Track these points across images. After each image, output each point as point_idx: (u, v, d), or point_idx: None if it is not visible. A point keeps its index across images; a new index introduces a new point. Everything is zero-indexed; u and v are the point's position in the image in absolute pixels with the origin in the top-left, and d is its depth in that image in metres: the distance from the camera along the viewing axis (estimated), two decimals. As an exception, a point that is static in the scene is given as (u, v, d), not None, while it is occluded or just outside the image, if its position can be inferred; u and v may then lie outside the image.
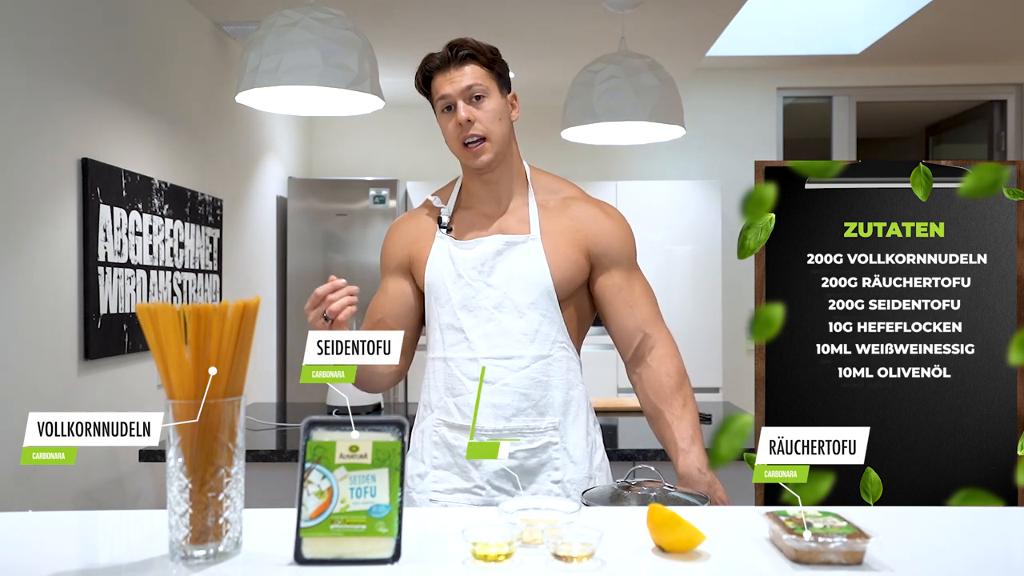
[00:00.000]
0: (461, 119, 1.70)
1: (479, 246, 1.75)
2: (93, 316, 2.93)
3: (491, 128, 1.71)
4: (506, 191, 1.79)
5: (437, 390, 1.77)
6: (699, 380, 5.14)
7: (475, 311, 1.73)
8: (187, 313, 1.07)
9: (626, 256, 1.80)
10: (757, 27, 5.18)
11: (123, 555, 1.16)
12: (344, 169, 5.96)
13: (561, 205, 1.80)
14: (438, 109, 1.76)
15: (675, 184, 5.29)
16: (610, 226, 1.79)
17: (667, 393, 1.74)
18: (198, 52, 4.00)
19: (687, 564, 1.07)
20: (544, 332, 1.73)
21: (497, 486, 1.70)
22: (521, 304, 1.72)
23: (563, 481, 1.72)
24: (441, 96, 1.73)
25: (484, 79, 1.72)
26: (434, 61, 1.75)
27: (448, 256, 1.76)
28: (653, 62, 3.29)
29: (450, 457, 1.74)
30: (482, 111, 1.71)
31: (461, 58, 1.72)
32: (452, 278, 1.74)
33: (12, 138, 2.56)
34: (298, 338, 5.15)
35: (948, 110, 6.11)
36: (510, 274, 1.73)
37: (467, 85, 1.70)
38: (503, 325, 1.72)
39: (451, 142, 1.75)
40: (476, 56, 1.72)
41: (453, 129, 1.72)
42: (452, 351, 1.74)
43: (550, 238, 1.75)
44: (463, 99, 1.71)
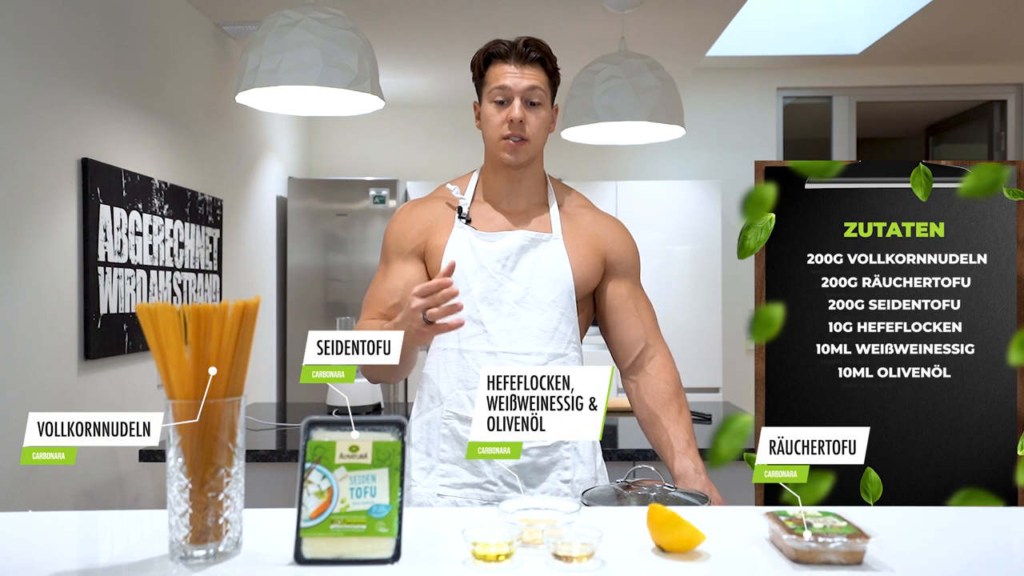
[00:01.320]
0: (515, 116, 1.69)
1: (503, 239, 1.74)
2: (93, 316, 2.93)
3: (536, 134, 1.73)
4: (527, 190, 1.80)
5: (448, 381, 1.75)
6: (699, 380, 5.14)
7: (496, 304, 1.72)
8: (187, 313, 1.07)
9: (636, 269, 1.85)
10: (757, 27, 5.18)
11: (123, 555, 1.16)
12: (344, 169, 5.96)
13: (578, 214, 1.83)
14: (490, 97, 1.73)
15: (675, 184, 5.29)
16: (624, 238, 1.84)
17: (664, 399, 1.75)
18: (198, 52, 4.00)
19: (687, 564, 1.07)
20: (562, 331, 1.74)
21: (509, 482, 1.70)
22: (543, 301, 1.73)
23: (572, 480, 1.72)
24: (500, 86, 1.71)
25: (545, 86, 1.73)
26: (502, 48, 1.73)
27: (470, 246, 1.74)
28: (653, 62, 3.29)
29: (460, 451, 1.73)
30: (535, 116, 1.72)
31: (531, 58, 1.71)
32: (473, 269, 1.73)
33: (12, 138, 2.56)
34: (298, 338, 5.15)
35: (948, 110, 6.11)
36: (533, 270, 1.73)
37: (530, 86, 1.71)
38: (524, 320, 1.72)
39: (491, 131, 1.73)
40: (544, 62, 1.73)
41: (500, 122, 1.71)
42: (469, 343, 1.73)
43: (571, 239, 1.78)
44: (521, 98, 1.70)
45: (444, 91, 5.45)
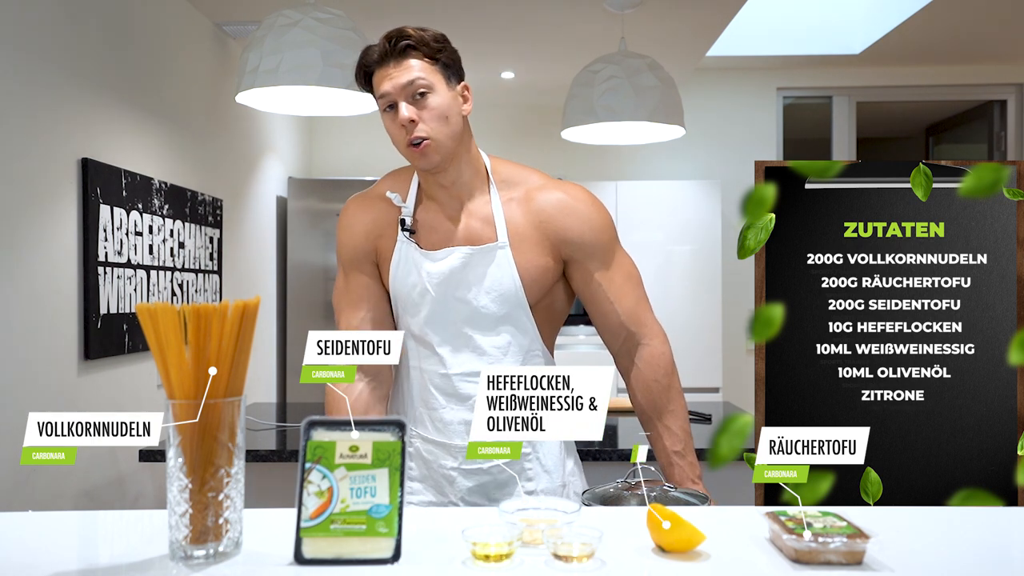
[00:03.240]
0: (403, 119, 1.54)
1: (447, 258, 1.63)
2: (93, 316, 2.93)
3: (436, 127, 1.56)
4: (465, 190, 1.65)
5: (412, 400, 1.71)
6: (699, 380, 5.14)
7: (444, 326, 1.64)
8: (187, 313, 1.07)
9: (601, 245, 1.67)
10: (757, 27, 5.18)
11: (123, 555, 1.16)
12: (344, 169, 5.96)
13: (525, 199, 1.66)
14: (380, 107, 1.59)
15: (675, 184, 5.29)
16: (580, 215, 1.65)
17: (655, 398, 1.69)
18: (198, 52, 3.99)
19: (687, 564, 1.07)
20: (517, 344, 1.66)
21: (471, 502, 1.68)
22: (491, 318, 1.64)
23: (536, 492, 1.68)
24: (381, 94, 1.57)
25: (428, 73, 1.56)
26: (372, 55, 1.58)
27: (415, 266, 1.65)
28: (653, 62, 3.29)
29: (424, 470, 1.71)
30: (426, 110, 1.55)
31: (401, 51, 1.56)
32: (419, 291, 1.64)
33: (12, 138, 2.56)
34: (298, 338, 5.15)
35: (948, 110, 6.11)
36: (480, 287, 1.63)
37: (408, 81, 1.54)
38: (474, 340, 1.64)
39: (395, 143, 1.60)
40: (418, 47, 1.57)
41: (397, 130, 1.57)
42: (425, 363, 1.68)
43: (517, 240, 1.63)
44: (405, 97, 1.55)
45: (444, 91, 5.44)
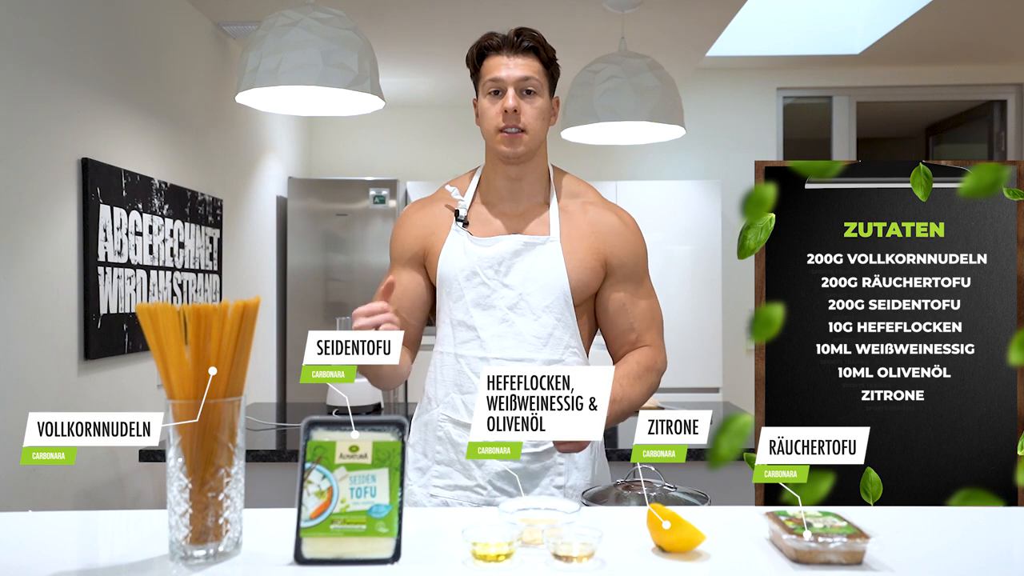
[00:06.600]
0: (508, 106, 1.66)
1: (497, 244, 1.72)
2: (93, 316, 2.93)
3: (533, 124, 1.69)
4: (528, 190, 1.76)
5: (444, 384, 1.75)
6: (699, 380, 5.13)
7: (489, 310, 1.71)
8: (187, 313, 1.07)
9: (638, 273, 1.79)
10: (757, 27, 5.18)
11: (123, 555, 1.16)
12: (344, 169, 5.96)
13: (581, 209, 1.78)
14: (484, 90, 1.71)
15: (675, 184, 5.29)
16: (627, 238, 1.78)
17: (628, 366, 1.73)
18: (198, 52, 3.99)
19: (687, 564, 1.07)
20: (557, 336, 1.71)
21: (499, 487, 1.70)
22: (536, 307, 1.70)
23: (566, 487, 1.71)
24: (494, 78, 1.69)
25: (540, 75, 1.70)
26: (494, 40, 1.71)
27: (463, 251, 1.72)
28: (653, 62, 3.29)
29: (453, 454, 1.73)
30: (530, 106, 1.68)
31: (524, 48, 1.69)
32: (467, 274, 1.71)
33: (12, 138, 2.56)
34: (298, 338, 5.15)
35: (948, 110, 6.11)
36: (527, 275, 1.70)
37: (523, 76, 1.67)
38: (516, 326, 1.70)
39: (487, 124, 1.70)
40: (538, 51, 1.70)
41: (496, 114, 1.68)
42: (464, 348, 1.72)
43: (569, 242, 1.73)
44: (515, 88, 1.67)
45: (444, 91, 5.45)
